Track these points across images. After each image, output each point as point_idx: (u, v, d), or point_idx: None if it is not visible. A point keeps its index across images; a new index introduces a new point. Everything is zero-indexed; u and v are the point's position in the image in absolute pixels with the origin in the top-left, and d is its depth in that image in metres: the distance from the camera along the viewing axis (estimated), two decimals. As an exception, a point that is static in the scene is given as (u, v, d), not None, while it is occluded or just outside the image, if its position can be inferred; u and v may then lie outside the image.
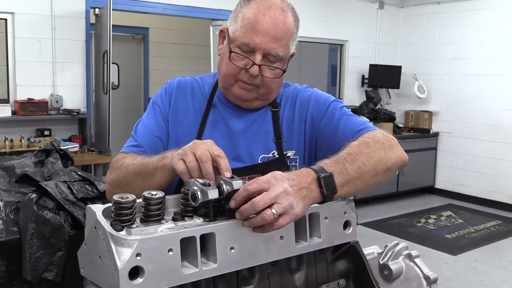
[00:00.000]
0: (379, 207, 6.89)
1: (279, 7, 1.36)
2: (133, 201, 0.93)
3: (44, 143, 4.65)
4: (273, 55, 1.36)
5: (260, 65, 1.36)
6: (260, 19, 1.34)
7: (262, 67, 1.36)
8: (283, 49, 1.37)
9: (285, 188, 0.97)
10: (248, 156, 1.45)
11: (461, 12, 7.15)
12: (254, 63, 1.35)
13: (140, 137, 1.46)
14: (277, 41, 1.35)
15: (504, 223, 6.28)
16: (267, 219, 0.95)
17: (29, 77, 4.97)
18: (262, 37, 1.33)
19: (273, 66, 1.38)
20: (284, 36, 1.36)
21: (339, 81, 7.68)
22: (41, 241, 1.91)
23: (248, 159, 1.45)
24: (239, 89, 1.41)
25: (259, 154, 1.45)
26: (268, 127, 1.48)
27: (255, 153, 1.45)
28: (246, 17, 1.36)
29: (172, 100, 1.49)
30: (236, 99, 1.45)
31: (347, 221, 1.16)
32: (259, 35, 1.33)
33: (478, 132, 7.06)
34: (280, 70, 1.39)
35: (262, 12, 1.34)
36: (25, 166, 2.30)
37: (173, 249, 0.89)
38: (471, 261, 4.95)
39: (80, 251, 0.97)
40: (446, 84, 7.41)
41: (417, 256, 1.21)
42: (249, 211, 0.96)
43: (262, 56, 1.35)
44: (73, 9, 5.13)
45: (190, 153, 1.09)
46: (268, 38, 1.34)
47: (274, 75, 1.39)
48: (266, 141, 1.47)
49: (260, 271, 1.07)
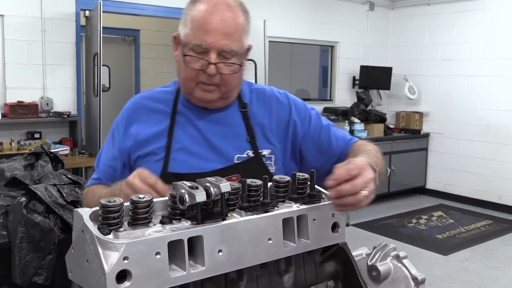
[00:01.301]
0: (370, 208, 6.90)
1: (225, 4, 1.38)
2: (120, 204, 0.93)
3: (34, 146, 4.62)
4: (227, 51, 1.36)
5: (216, 63, 1.36)
6: (208, 18, 1.35)
7: (219, 65, 1.37)
8: (236, 44, 1.38)
9: (373, 176, 1.15)
10: (224, 157, 1.45)
11: (450, 13, 7.20)
12: (210, 63, 1.36)
13: (99, 170, 1.52)
14: (228, 37, 1.36)
15: (494, 223, 6.32)
16: (361, 199, 1.09)
17: (19, 80, 4.94)
18: (213, 36, 1.34)
19: (230, 62, 1.38)
20: (235, 31, 1.37)
21: (330, 82, 7.70)
22: (31, 244, 1.90)
23: (225, 160, 1.45)
24: (200, 91, 1.42)
25: (235, 154, 1.46)
26: (240, 128, 1.49)
27: (230, 153, 1.46)
28: (195, 19, 1.37)
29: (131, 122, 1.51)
30: (200, 101, 1.46)
31: (335, 222, 1.17)
32: (210, 34, 1.34)
33: (469, 132, 7.11)
34: (237, 65, 1.40)
35: (209, 11, 1.35)
36: (14, 169, 2.29)
37: (160, 252, 0.89)
38: (462, 261, 4.98)
39: (68, 255, 0.97)
40: (437, 85, 7.45)
41: (405, 257, 1.21)
42: (349, 191, 1.08)
43: (216, 55, 1.36)
44: (63, 11, 5.11)
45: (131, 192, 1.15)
46: (219, 35, 1.35)
47: (232, 71, 1.40)
48: (240, 141, 1.48)
49: (249, 274, 1.07)
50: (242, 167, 1.44)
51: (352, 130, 6.99)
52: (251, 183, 1.08)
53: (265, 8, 6.50)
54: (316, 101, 7.57)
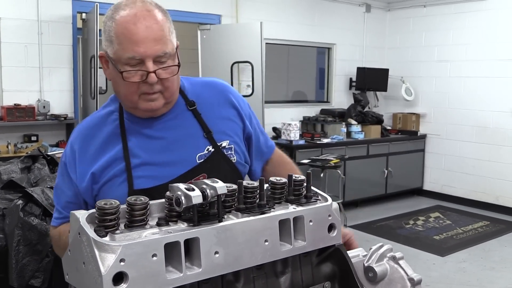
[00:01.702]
0: (368, 209, 6.92)
1: (144, 10, 1.34)
2: (116, 206, 0.94)
3: (31, 149, 4.62)
4: (161, 55, 1.34)
5: (155, 71, 1.34)
6: (133, 29, 1.32)
7: (158, 72, 1.35)
8: (168, 46, 1.36)
9: None
10: (186, 160, 1.44)
11: (447, 15, 7.22)
12: (149, 72, 1.33)
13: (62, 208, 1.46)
14: (159, 42, 1.33)
15: (491, 223, 6.33)
16: None
17: (16, 83, 4.94)
18: (143, 45, 1.31)
19: (166, 66, 1.37)
20: (162, 33, 1.35)
21: (327, 84, 7.71)
22: (28, 247, 1.90)
23: (187, 163, 1.44)
24: (145, 102, 1.39)
25: (195, 154, 1.46)
26: (194, 126, 1.49)
27: (191, 154, 1.45)
28: (120, 33, 1.33)
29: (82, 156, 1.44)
30: (146, 112, 1.43)
31: (331, 224, 1.17)
32: (140, 44, 1.31)
33: (465, 133, 7.12)
34: (175, 67, 1.39)
35: (132, 21, 1.32)
36: (11, 172, 2.28)
37: (157, 254, 0.89)
38: (459, 262, 4.98)
39: (65, 258, 0.97)
40: (433, 86, 7.47)
41: (401, 258, 1.22)
42: None
43: (152, 62, 1.34)
44: (59, 14, 5.11)
45: None
46: (149, 43, 1.32)
47: (171, 73, 1.38)
48: (197, 140, 1.47)
49: (245, 275, 1.07)
50: (205, 165, 1.44)
51: (349, 131, 7.00)
52: (248, 185, 1.08)
53: (262, 10, 6.51)
54: (313, 103, 7.58)
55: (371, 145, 7.01)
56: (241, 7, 6.32)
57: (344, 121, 7.05)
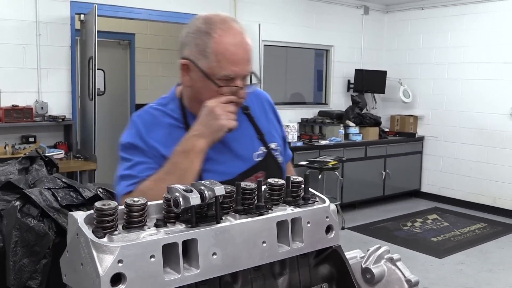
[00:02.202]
0: (366, 211, 6.92)
1: (240, 32, 1.45)
2: (115, 208, 0.93)
3: (28, 150, 4.61)
4: (247, 74, 1.48)
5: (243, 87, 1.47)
6: (234, 50, 1.42)
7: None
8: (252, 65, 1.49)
9: None
10: (246, 158, 1.56)
11: (444, 17, 7.24)
12: (239, 87, 1.45)
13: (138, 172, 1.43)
14: (249, 62, 1.48)
15: (489, 225, 6.35)
16: None
17: (14, 84, 4.93)
18: (240, 66, 1.44)
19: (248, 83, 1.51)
20: (251, 55, 1.48)
21: (325, 86, 7.72)
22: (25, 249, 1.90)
23: (247, 161, 1.56)
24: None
25: (252, 153, 1.57)
26: (249, 129, 1.61)
27: (249, 153, 1.57)
28: (220, 52, 1.42)
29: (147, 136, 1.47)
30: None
31: (329, 225, 1.17)
32: (238, 65, 1.44)
33: (463, 135, 7.14)
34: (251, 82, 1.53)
35: (232, 43, 1.42)
36: (9, 173, 2.28)
37: (155, 255, 0.89)
38: (456, 263, 4.99)
39: (63, 259, 0.97)
40: (431, 88, 7.48)
41: (399, 259, 1.22)
42: None
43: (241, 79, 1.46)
44: (58, 15, 5.11)
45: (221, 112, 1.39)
46: (244, 64, 1.46)
47: (249, 88, 1.51)
48: (252, 141, 1.60)
49: (243, 276, 1.07)
50: (262, 164, 1.57)
51: (347, 133, 7.01)
52: (245, 186, 1.08)
53: (260, 12, 6.52)
54: (311, 105, 7.59)
55: (369, 147, 7.02)
56: (239, 9, 6.33)
57: (342, 123, 7.06)
